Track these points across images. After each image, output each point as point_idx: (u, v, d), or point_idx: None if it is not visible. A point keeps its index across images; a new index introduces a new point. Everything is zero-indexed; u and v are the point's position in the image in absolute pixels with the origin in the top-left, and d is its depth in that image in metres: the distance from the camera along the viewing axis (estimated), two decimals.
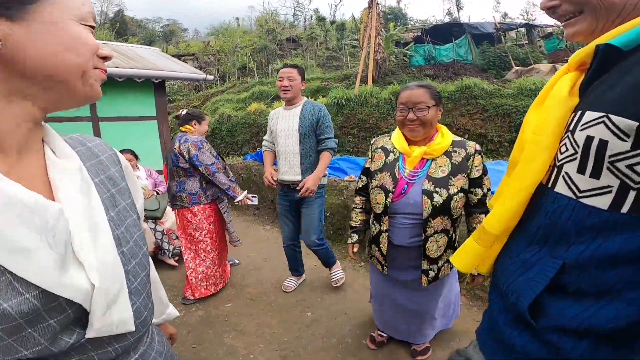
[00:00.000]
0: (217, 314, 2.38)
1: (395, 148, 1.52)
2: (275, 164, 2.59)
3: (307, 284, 2.75)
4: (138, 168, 3.56)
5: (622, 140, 0.52)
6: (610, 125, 0.54)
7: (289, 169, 2.37)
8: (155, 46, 24.21)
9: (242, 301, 2.54)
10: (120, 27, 26.59)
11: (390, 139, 1.58)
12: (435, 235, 1.45)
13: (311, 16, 22.02)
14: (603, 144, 0.55)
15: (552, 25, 15.20)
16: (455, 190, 1.41)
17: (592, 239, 0.58)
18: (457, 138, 1.49)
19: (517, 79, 8.30)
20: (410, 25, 21.34)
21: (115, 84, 4.33)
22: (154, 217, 3.19)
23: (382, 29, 10.81)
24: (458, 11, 22.16)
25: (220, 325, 2.25)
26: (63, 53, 0.43)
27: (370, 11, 9.62)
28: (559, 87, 0.68)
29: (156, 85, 4.90)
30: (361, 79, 9.68)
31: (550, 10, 0.69)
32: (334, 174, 4.81)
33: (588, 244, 0.58)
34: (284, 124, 2.37)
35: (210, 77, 5.71)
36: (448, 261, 1.52)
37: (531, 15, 25.34)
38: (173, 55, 17.80)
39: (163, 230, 3.29)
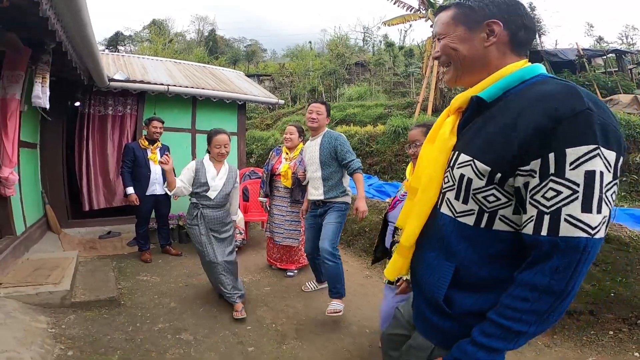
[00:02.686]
0: (256, 294, 3.03)
1: None
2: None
3: None
4: None
5: (480, 179, 0.78)
6: (474, 167, 0.79)
7: (315, 191, 2.79)
8: (239, 65, 26.95)
9: (279, 287, 3.19)
10: (213, 46, 29.92)
11: None
12: (390, 278, 1.68)
13: (380, 41, 22.57)
14: (469, 181, 0.80)
15: (636, 53, 13.48)
16: None
17: (467, 247, 0.82)
18: None
19: None
20: None
21: (210, 103, 5.35)
22: None
23: None
24: (539, 37, 20.79)
25: (257, 301, 2.90)
26: (213, 152, 2.68)
27: (434, 40, 9.91)
28: (444, 129, 0.92)
29: (239, 106, 5.83)
30: (423, 107, 9.95)
31: (436, 59, 0.94)
32: (378, 195, 5.32)
33: (466, 250, 0.82)
34: (310, 154, 2.83)
35: (282, 102, 6.68)
36: None
37: (631, 39, 22.57)
38: (253, 75, 19.86)
39: None
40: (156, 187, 3.71)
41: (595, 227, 0.67)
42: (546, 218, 0.69)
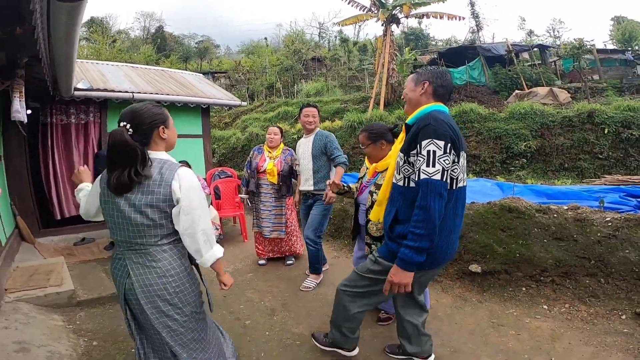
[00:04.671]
0: (242, 280, 3.41)
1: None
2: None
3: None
4: None
5: (402, 160, 1.63)
6: (400, 155, 1.67)
7: (306, 181, 3.25)
8: (191, 62, 25.97)
9: (260, 273, 3.58)
10: (161, 43, 28.45)
11: None
12: (374, 220, 2.12)
13: (335, 37, 23.12)
14: (399, 162, 1.67)
15: (557, 47, 15.27)
16: None
17: (401, 197, 1.63)
18: None
19: (518, 102, 8.79)
20: (431, 46, 22.10)
21: (175, 108, 5.43)
22: None
23: (397, 54, 11.73)
24: (478, 31, 22.63)
25: (244, 285, 3.28)
26: (174, 137, 1.56)
27: (384, 39, 10.64)
28: (399, 138, 1.81)
29: (203, 110, 6.00)
30: (376, 102, 10.67)
31: (403, 99, 1.78)
32: None
33: (400, 199, 1.63)
34: (303, 150, 3.30)
35: (245, 104, 6.96)
36: None
37: (557, 32, 25.34)
38: (207, 72, 19.42)
39: None
40: None
41: (431, 173, 1.46)
42: (417, 172, 1.50)
